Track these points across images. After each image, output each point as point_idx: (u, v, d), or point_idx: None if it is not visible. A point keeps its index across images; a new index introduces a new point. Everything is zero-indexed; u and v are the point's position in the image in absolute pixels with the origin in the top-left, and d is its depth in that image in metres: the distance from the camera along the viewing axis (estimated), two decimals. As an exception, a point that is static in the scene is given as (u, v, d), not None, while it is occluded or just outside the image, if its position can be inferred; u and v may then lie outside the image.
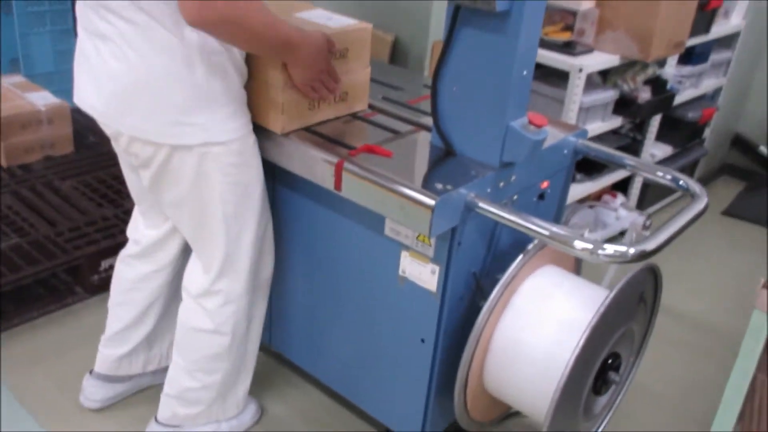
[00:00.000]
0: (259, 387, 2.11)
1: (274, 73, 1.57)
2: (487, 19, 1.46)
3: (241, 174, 1.58)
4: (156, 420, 1.84)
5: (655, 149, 3.16)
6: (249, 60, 1.59)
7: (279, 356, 2.14)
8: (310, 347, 1.97)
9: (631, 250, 1.41)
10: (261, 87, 1.61)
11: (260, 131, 1.69)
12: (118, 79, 1.44)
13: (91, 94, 1.51)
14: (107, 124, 1.53)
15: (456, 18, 1.50)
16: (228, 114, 1.50)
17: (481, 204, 1.50)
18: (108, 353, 1.93)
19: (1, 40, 3.58)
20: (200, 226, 1.62)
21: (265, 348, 2.18)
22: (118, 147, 1.60)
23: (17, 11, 3.47)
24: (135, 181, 1.73)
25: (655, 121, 3.01)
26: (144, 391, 2.04)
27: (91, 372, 1.97)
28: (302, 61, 1.53)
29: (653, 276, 1.76)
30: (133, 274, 1.85)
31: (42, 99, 2.90)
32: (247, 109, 1.58)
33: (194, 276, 1.70)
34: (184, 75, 1.42)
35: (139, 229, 1.83)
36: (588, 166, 2.77)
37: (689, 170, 3.52)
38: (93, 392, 1.95)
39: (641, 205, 3.23)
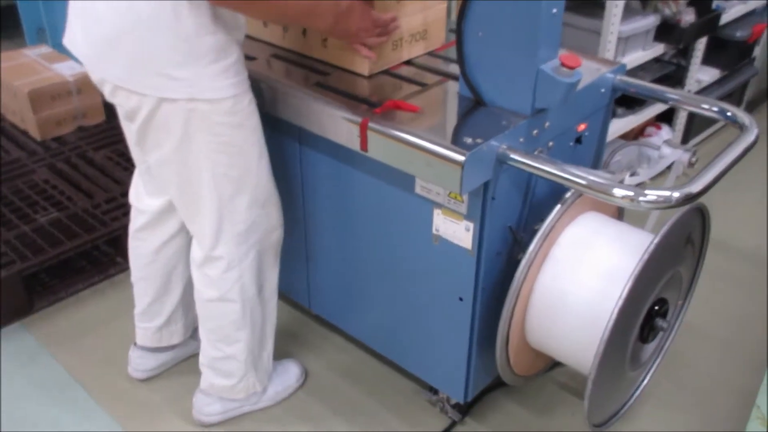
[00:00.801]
0: (300, 348, 2.12)
1: None
2: (509, -45, 1.36)
3: (234, 135, 1.51)
4: (200, 390, 1.86)
5: (701, 74, 3.00)
6: None
7: (319, 318, 2.13)
8: (349, 309, 1.96)
9: (676, 194, 1.33)
10: None
11: (281, 93, 1.64)
12: (103, 22, 1.40)
13: (79, 36, 1.47)
14: (92, 70, 1.49)
15: (477, -43, 1.40)
16: (218, 71, 1.43)
17: (513, 156, 1.43)
18: (145, 326, 1.95)
19: (26, 10, 3.58)
20: (188, 189, 1.57)
21: (304, 309, 2.18)
22: (105, 95, 1.54)
23: (39, -20, 3.44)
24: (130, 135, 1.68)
25: (701, 44, 2.85)
26: (192, 358, 2.05)
27: (135, 344, 2.00)
28: (331, 28, 1.52)
29: (701, 216, 1.68)
30: (146, 248, 1.84)
31: (69, 69, 2.89)
32: (242, 68, 1.50)
33: (195, 245, 1.68)
34: (171, 25, 1.36)
35: (141, 196, 1.80)
36: (629, 98, 2.64)
37: (739, 92, 3.34)
38: (139, 363, 1.99)
39: (688, 134, 3.09)
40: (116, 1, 1.37)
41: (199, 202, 1.58)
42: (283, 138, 1.79)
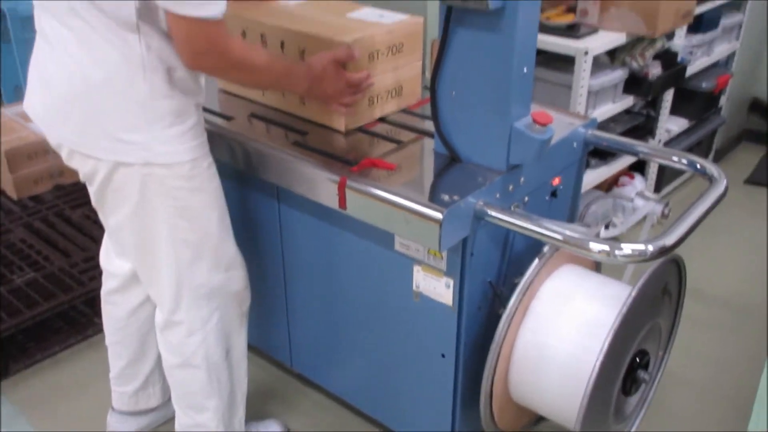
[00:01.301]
0: (283, 407, 2.09)
1: None
2: (481, 18, 1.40)
3: (193, 198, 1.48)
4: (180, 454, 1.82)
5: (670, 124, 3.08)
6: None
7: (300, 376, 2.11)
8: (331, 367, 1.94)
9: (650, 248, 1.35)
10: None
11: (260, 153, 1.66)
12: (56, 85, 1.39)
13: (36, 100, 1.46)
14: (49, 134, 1.47)
15: (449, 19, 1.44)
16: (174, 135, 1.41)
17: (490, 212, 1.45)
18: (121, 390, 1.90)
19: (3, 68, 3.59)
20: (146, 253, 1.54)
21: (285, 368, 2.16)
22: (63, 159, 1.51)
23: (15, 38, 3.46)
24: None
25: (669, 96, 2.93)
26: (171, 421, 2.00)
27: (112, 408, 1.96)
28: (307, 92, 1.58)
29: (676, 267, 1.70)
30: (118, 313, 1.80)
31: (46, 128, 2.89)
32: (201, 130, 1.49)
33: (158, 309, 1.64)
34: (125, 90, 1.35)
35: (111, 258, 1.76)
36: (602, 149, 2.70)
37: (707, 141, 3.43)
38: (117, 427, 1.94)
39: (660, 182, 3.15)
40: (65, 61, 1.36)
41: (157, 266, 1.54)
42: (261, 195, 1.80)
